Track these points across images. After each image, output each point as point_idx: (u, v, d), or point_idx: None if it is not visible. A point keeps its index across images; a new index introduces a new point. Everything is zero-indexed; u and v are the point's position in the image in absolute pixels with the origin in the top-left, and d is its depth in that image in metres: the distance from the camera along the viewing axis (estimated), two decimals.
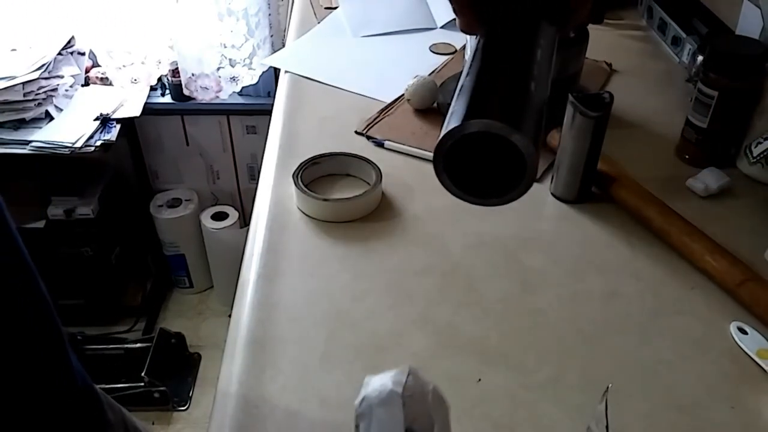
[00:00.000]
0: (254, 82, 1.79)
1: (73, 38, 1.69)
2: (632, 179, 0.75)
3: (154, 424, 1.70)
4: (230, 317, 0.63)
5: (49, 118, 1.59)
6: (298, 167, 0.77)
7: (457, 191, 0.37)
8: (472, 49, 0.41)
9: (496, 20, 0.41)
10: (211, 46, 1.70)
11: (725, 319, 0.62)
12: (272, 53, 1.36)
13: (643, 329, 0.61)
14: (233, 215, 1.91)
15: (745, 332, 0.60)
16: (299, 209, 0.75)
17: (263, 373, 0.56)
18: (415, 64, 1.04)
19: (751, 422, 0.54)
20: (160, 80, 1.79)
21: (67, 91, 1.65)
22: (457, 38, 1.13)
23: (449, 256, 0.70)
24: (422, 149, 0.83)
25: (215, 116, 1.88)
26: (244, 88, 1.79)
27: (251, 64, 1.75)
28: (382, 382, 0.32)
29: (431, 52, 1.10)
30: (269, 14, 1.73)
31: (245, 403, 0.54)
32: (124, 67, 1.73)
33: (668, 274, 0.67)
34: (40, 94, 1.56)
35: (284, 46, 1.18)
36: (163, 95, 1.81)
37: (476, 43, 0.42)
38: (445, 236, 0.72)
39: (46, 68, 1.57)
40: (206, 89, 1.76)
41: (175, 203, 1.92)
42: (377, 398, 0.32)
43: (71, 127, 1.57)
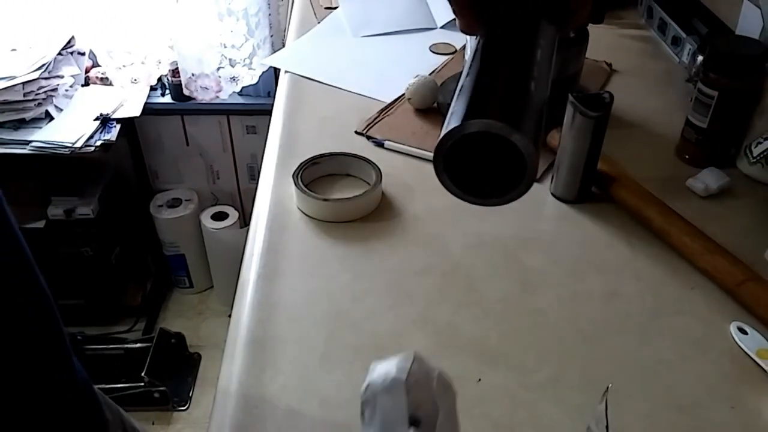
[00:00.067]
0: (254, 82, 1.79)
1: (73, 38, 1.69)
2: (632, 179, 0.75)
3: (154, 424, 1.70)
4: (230, 317, 0.63)
5: (49, 118, 1.59)
6: (298, 167, 0.77)
7: (457, 191, 0.37)
8: (472, 49, 0.41)
9: (496, 21, 0.41)
10: (211, 46, 1.70)
11: (725, 319, 0.62)
12: (272, 53, 1.36)
13: (643, 329, 0.61)
14: (233, 215, 1.91)
15: (745, 332, 0.60)
16: (299, 209, 0.75)
17: (263, 373, 0.56)
18: (415, 64, 1.04)
19: (751, 422, 0.54)
20: (160, 80, 1.79)
21: (67, 91, 1.65)
22: (457, 38, 1.13)
23: (449, 256, 0.70)
24: (422, 149, 0.83)
25: (215, 116, 1.88)
26: (244, 88, 1.79)
27: (251, 64, 1.75)
28: (386, 368, 0.32)
29: (431, 52, 1.10)
30: (269, 14, 1.73)
31: (245, 403, 0.54)
32: (124, 67, 1.73)
33: (668, 274, 0.67)
34: (40, 94, 1.56)
35: (284, 46, 1.18)
36: (163, 95, 1.81)
37: (476, 43, 0.42)
38: (445, 236, 0.72)
39: (46, 68, 1.57)
40: (206, 89, 1.76)
41: (175, 203, 1.92)
42: (381, 385, 0.32)
43: (71, 127, 1.57)
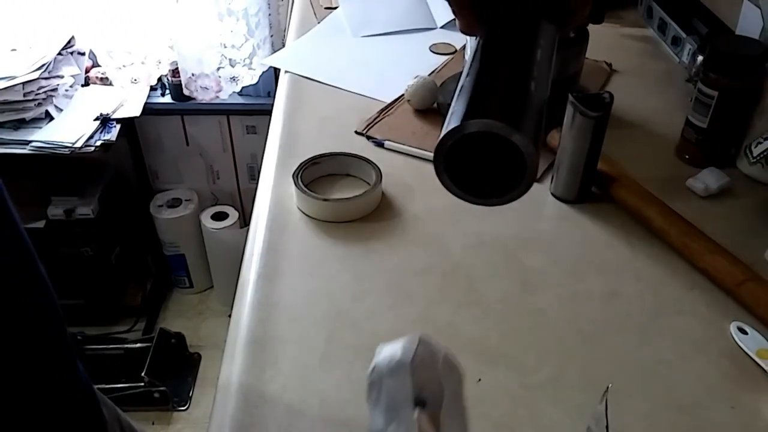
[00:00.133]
0: (254, 82, 1.79)
1: (73, 38, 1.69)
2: (632, 179, 0.75)
3: (154, 424, 1.70)
4: (230, 317, 0.63)
5: (49, 118, 1.59)
6: (298, 167, 0.77)
7: (457, 191, 0.37)
8: (472, 49, 0.41)
9: (495, 21, 0.41)
10: (211, 46, 1.70)
11: (725, 319, 0.62)
12: (272, 53, 1.36)
13: (643, 329, 0.61)
14: (233, 215, 1.91)
15: (745, 332, 0.60)
16: (299, 209, 0.75)
17: (263, 373, 0.56)
18: (415, 64, 1.04)
19: (751, 422, 0.54)
20: (160, 80, 1.79)
21: (67, 91, 1.65)
22: (457, 38, 1.12)
23: (449, 256, 0.70)
24: (422, 149, 0.83)
25: (215, 116, 1.88)
26: (244, 88, 1.79)
27: (251, 64, 1.75)
28: (392, 351, 0.32)
29: (431, 52, 1.10)
30: (269, 14, 1.73)
31: (245, 403, 0.54)
32: (124, 67, 1.73)
33: (668, 274, 0.67)
34: (40, 94, 1.56)
35: (284, 46, 1.18)
36: (163, 95, 1.81)
37: (476, 43, 0.42)
38: (445, 236, 0.72)
39: (46, 68, 1.57)
40: (206, 89, 1.76)
41: (175, 203, 1.92)
42: (387, 367, 0.32)
43: (71, 127, 1.57)
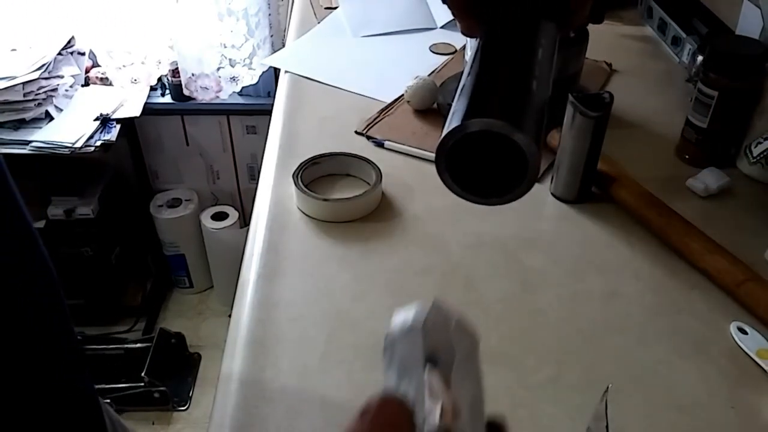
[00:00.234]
0: (254, 82, 1.79)
1: (73, 38, 1.69)
2: (632, 179, 0.75)
3: (154, 424, 1.70)
4: (230, 317, 0.63)
5: (49, 118, 1.59)
6: (298, 167, 0.77)
7: (459, 190, 0.37)
8: (472, 49, 0.41)
9: (496, 21, 0.41)
10: (211, 46, 1.70)
11: (725, 319, 0.62)
12: (272, 53, 1.36)
13: (643, 329, 0.61)
14: (233, 215, 1.91)
15: (745, 332, 0.60)
16: (299, 209, 0.75)
17: (263, 373, 0.56)
18: (415, 64, 1.04)
19: (751, 422, 0.54)
20: (160, 80, 1.79)
21: (67, 91, 1.65)
22: (457, 38, 1.13)
23: (449, 256, 0.70)
24: (422, 149, 0.83)
25: (215, 116, 1.88)
26: (244, 88, 1.79)
27: (251, 64, 1.75)
28: (404, 317, 0.33)
29: (431, 52, 1.10)
30: (269, 14, 1.73)
31: (245, 403, 0.54)
32: (124, 67, 1.73)
33: (668, 274, 0.67)
34: (40, 94, 1.56)
35: (284, 46, 1.18)
36: (163, 95, 1.81)
37: (477, 44, 0.42)
38: (445, 236, 0.72)
39: (46, 68, 1.57)
40: (206, 89, 1.76)
41: (175, 203, 1.92)
42: (399, 331, 0.33)
43: (71, 127, 1.57)
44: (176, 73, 1.73)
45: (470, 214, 0.73)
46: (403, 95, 0.93)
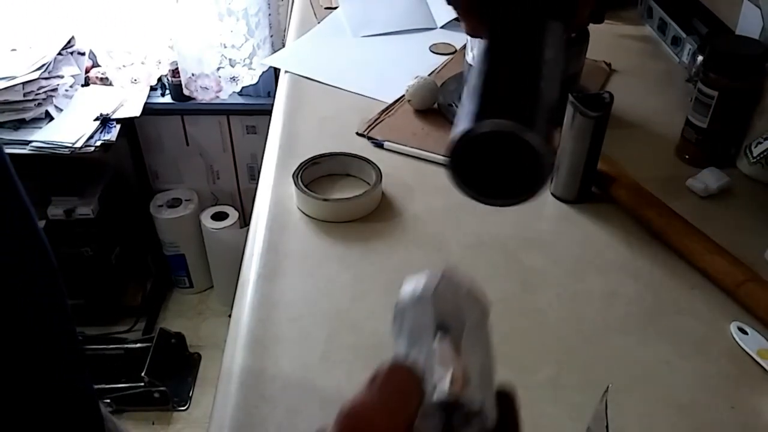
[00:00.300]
0: (254, 82, 1.79)
1: (73, 38, 1.69)
2: (632, 179, 0.75)
3: (154, 424, 1.70)
4: (230, 317, 0.63)
5: (49, 118, 1.59)
6: (298, 167, 0.77)
7: (471, 192, 0.37)
8: (474, 49, 0.41)
9: (501, 20, 0.41)
10: (211, 46, 1.70)
11: (725, 319, 0.62)
12: (272, 53, 1.36)
13: (643, 329, 0.61)
14: (233, 215, 1.91)
15: (745, 332, 0.60)
16: (299, 209, 0.75)
17: (263, 373, 0.56)
18: (415, 64, 1.04)
19: (751, 422, 0.54)
20: (160, 80, 1.79)
21: (67, 91, 1.65)
22: (457, 38, 1.12)
23: (449, 256, 0.70)
24: (423, 150, 0.83)
25: (215, 116, 1.88)
26: (244, 88, 1.79)
27: (251, 64, 1.75)
28: (415, 285, 0.34)
29: (431, 52, 1.10)
30: (269, 14, 1.73)
31: (245, 403, 0.54)
32: (124, 67, 1.73)
33: (668, 274, 0.67)
34: (40, 94, 1.56)
35: (284, 46, 1.18)
36: (163, 95, 1.81)
37: (483, 43, 0.41)
38: (445, 236, 0.72)
39: (46, 68, 1.57)
40: (206, 89, 1.76)
41: (175, 203, 1.92)
42: (409, 299, 0.33)
43: (71, 127, 1.57)
44: (176, 73, 1.73)
45: (470, 214, 0.73)
46: (403, 95, 0.93)
